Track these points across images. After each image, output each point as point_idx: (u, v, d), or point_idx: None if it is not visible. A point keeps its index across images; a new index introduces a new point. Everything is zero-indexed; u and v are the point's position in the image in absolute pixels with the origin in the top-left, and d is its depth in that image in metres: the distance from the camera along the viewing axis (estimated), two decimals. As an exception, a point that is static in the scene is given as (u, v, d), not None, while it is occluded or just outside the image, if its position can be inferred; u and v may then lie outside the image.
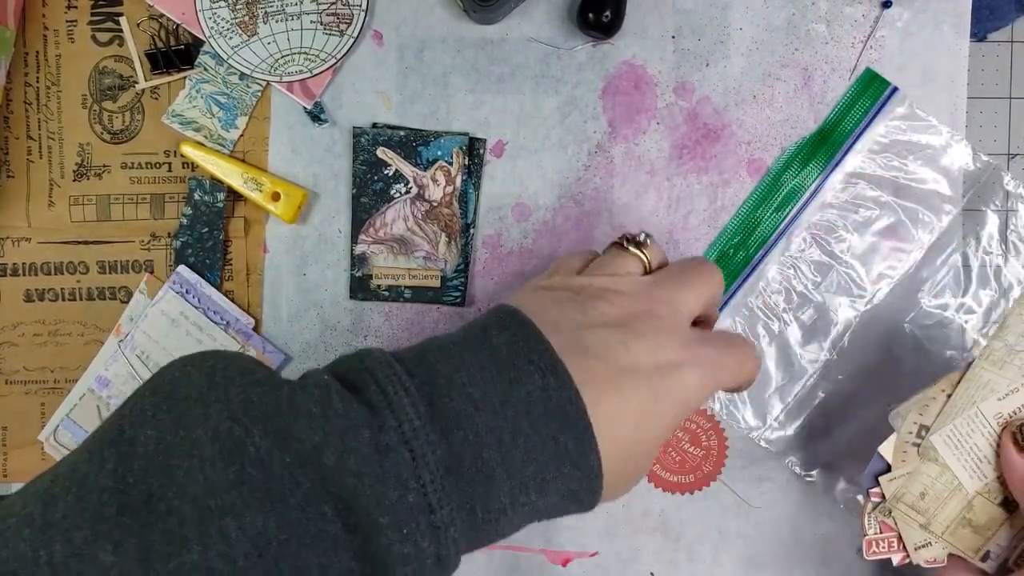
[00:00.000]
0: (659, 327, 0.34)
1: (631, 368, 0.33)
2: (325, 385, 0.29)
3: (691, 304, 0.37)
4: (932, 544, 0.42)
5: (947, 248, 0.51)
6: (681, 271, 0.39)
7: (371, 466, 0.27)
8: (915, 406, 0.42)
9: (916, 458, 0.42)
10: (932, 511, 0.42)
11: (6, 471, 0.52)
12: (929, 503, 0.42)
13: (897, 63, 0.51)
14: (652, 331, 0.34)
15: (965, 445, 0.41)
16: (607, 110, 0.51)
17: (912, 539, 0.42)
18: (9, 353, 0.52)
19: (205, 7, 0.50)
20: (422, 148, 0.51)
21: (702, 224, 0.52)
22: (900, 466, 0.42)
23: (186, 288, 0.51)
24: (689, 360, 0.34)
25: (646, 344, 0.34)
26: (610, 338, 0.33)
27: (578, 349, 0.32)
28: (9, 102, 0.51)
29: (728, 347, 0.37)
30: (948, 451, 0.42)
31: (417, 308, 0.52)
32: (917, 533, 0.42)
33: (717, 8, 0.51)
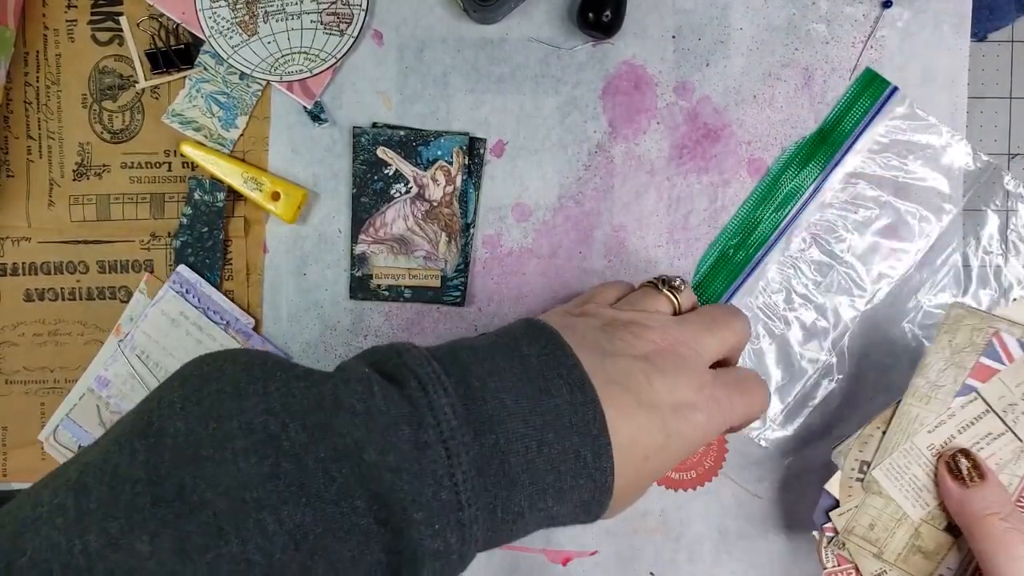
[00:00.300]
0: (679, 366, 0.36)
1: (649, 403, 0.35)
2: (367, 380, 0.30)
3: (713, 349, 0.39)
4: (887, 572, 0.44)
5: (947, 248, 0.51)
6: (710, 315, 0.41)
7: (409, 462, 0.28)
8: (855, 443, 0.45)
9: (861, 492, 0.44)
10: (883, 541, 0.44)
11: (6, 471, 0.52)
12: (879, 533, 0.44)
13: (897, 63, 0.51)
14: (672, 369, 0.36)
15: (904, 477, 0.44)
16: (607, 110, 0.51)
17: (868, 569, 0.45)
18: (9, 353, 0.52)
19: (205, 6, 0.50)
20: (422, 148, 0.51)
21: (702, 224, 0.52)
22: (847, 500, 0.45)
23: (186, 288, 0.51)
24: (703, 404, 0.36)
25: (666, 382, 0.35)
26: (633, 369, 0.35)
27: (602, 374, 0.34)
28: (9, 102, 0.51)
29: (740, 389, 0.39)
30: (890, 483, 0.44)
31: (417, 308, 0.52)
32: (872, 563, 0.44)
33: (717, 8, 0.51)
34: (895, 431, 0.44)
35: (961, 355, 0.43)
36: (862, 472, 0.45)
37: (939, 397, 0.44)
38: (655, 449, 0.34)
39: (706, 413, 0.36)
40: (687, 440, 0.36)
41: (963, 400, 0.43)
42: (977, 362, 0.43)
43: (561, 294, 0.52)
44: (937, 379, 0.44)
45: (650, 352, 0.36)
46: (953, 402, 0.43)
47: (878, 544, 0.44)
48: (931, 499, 0.43)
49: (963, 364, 0.43)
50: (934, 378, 0.44)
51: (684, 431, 0.35)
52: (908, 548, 0.44)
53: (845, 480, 0.45)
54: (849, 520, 0.45)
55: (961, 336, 0.44)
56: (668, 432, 0.35)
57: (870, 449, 0.45)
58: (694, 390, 0.36)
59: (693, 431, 0.36)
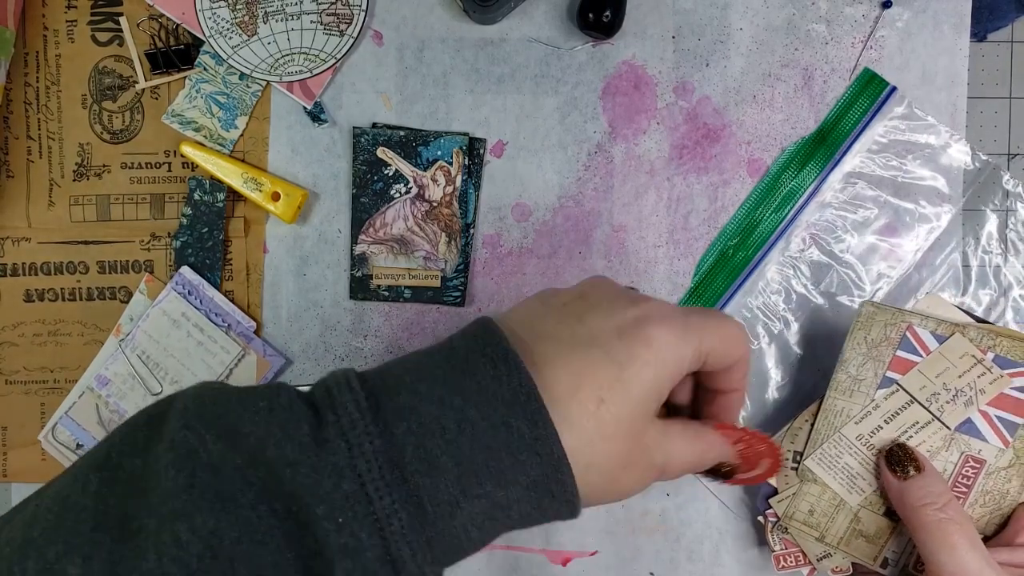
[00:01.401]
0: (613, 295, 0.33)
1: (585, 339, 0.31)
2: (276, 386, 0.30)
3: None
4: (831, 555, 0.46)
5: (946, 247, 0.51)
6: None
7: (307, 455, 0.27)
8: (786, 436, 0.47)
9: (796, 480, 0.47)
10: (824, 525, 0.46)
11: (6, 471, 0.52)
12: (819, 518, 0.46)
13: (897, 63, 0.51)
14: (609, 297, 0.33)
15: (837, 465, 0.46)
16: (607, 110, 0.51)
17: (812, 551, 0.47)
18: (9, 353, 0.52)
19: (205, 7, 0.50)
20: (422, 148, 0.51)
21: (702, 224, 0.52)
22: (784, 488, 0.47)
23: (188, 289, 0.51)
24: (651, 313, 0.32)
25: (602, 310, 0.32)
26: (563, 314, 0.32)
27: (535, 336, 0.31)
28: (9, 102, 0.51)
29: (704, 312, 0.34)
30: (823, 472, 0.46)
31: (417, 308, 0.52)
32: (815, 545, 0.47)
33: (717, 8, 0.51)
34: (822, 423, 0.46)
35: (878, 349, 0.45)
36: (795, 462, 0.47)
37: (861, 390, 0.45)
38: (608, 386, 0.30)
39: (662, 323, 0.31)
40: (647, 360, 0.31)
41: (885, 392, 0.45)
42: (894, 355, 0.45)
43: (561, 294, 0.52)
44: (857, 373, 0.46)
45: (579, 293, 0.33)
46: (876, 394, 0.45)
47: (819, 528, 0.46)
48: (866, 486, 0.45)
49: (880, 358, 0.45)
50: (854, 372, 0.46)
51: (637, 350, 0.31)
52: (850, 532, 0.46)
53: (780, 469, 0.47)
54: (788, 506, 0.47)
55: (875, 332, 0.45)
56: (618, 360, 0.30)
57: (800, 440, 0.47)
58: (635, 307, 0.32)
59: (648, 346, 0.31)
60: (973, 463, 0.44)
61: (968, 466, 0.44)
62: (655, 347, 0.31)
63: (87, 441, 0.51)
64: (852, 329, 0.46)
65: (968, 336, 0.44)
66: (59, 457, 0.51)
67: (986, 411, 0.44)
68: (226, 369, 0.51)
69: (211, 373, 0.51)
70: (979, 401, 0.44)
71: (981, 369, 0.44)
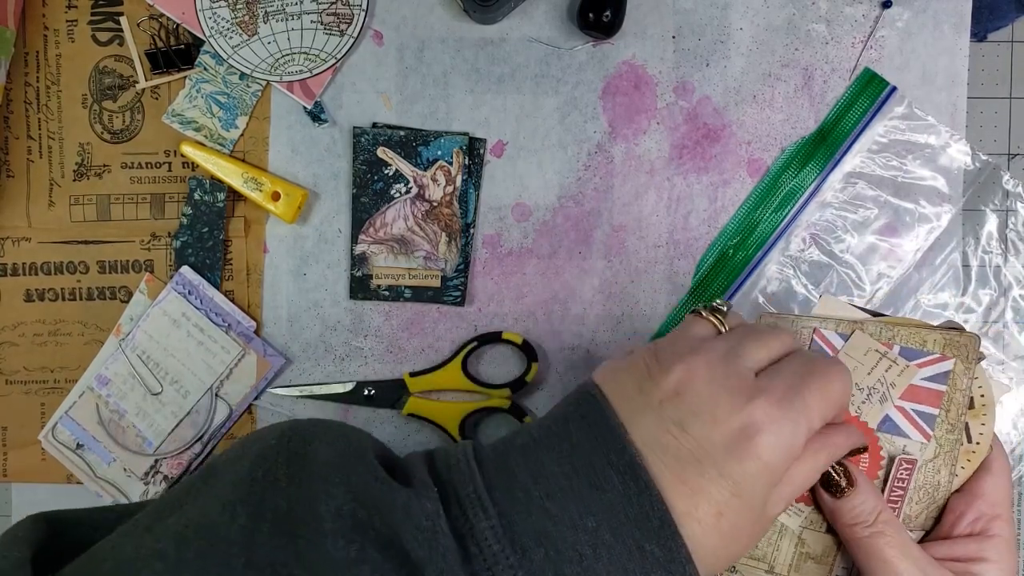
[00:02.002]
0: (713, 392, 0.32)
1: (695, 454, 0.31)
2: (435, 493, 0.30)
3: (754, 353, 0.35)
4: None
5: (946, 247, 0.51)
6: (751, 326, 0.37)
7: None
8: None
9: None
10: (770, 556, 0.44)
11: (6, 471, 0.52)
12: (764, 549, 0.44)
13: (897, 63, 0.51)
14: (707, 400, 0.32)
15: None
16: (607, 110, 0.51)
17: None
18: (9, 353, 0.52)
19: (205, 7, 0.50)
20: (422, 148, 0.51)
21: (702, 224, 0.52)
22: None
23: (188, 289, 0.51)
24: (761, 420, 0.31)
25: (702, 420, 0.32)
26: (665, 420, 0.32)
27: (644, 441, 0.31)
28: (9, 102, 0.51)
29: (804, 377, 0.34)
30: None
31: (417, 308, 0.52)
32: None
33: (717, 8, 0.51)
34: None
35: None
36: None
37: None
38: (725, 502, 0.31)
39: (770, 429, 0.31)
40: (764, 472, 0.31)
41: None
42: None
43: (561, 294, 0.52)
44: None
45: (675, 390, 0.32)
46: None
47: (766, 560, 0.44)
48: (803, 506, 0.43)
49: None
50: None
51: (751, 466, 0.31)
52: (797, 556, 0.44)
53: None
54: None
55: None
56: (731, 477, 0.31)
57: None
58: (741, 409, 0.31)
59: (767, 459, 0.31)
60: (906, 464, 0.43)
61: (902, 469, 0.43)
62: (767, 458, 0.31)
63: (87, 441, 0.51)
64: None
65: (868, 331, 0.43)
66: (59, 457, 0.51)
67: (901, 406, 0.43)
68: (226, 369, 0.51)
69: (211, 373, 0.51)
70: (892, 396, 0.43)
71: (887, 363, 0.43)
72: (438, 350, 0.52)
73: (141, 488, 0.51)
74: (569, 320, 0.52)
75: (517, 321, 0.52)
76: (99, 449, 0.51)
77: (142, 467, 0.51)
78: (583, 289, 0.52)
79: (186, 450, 0.51)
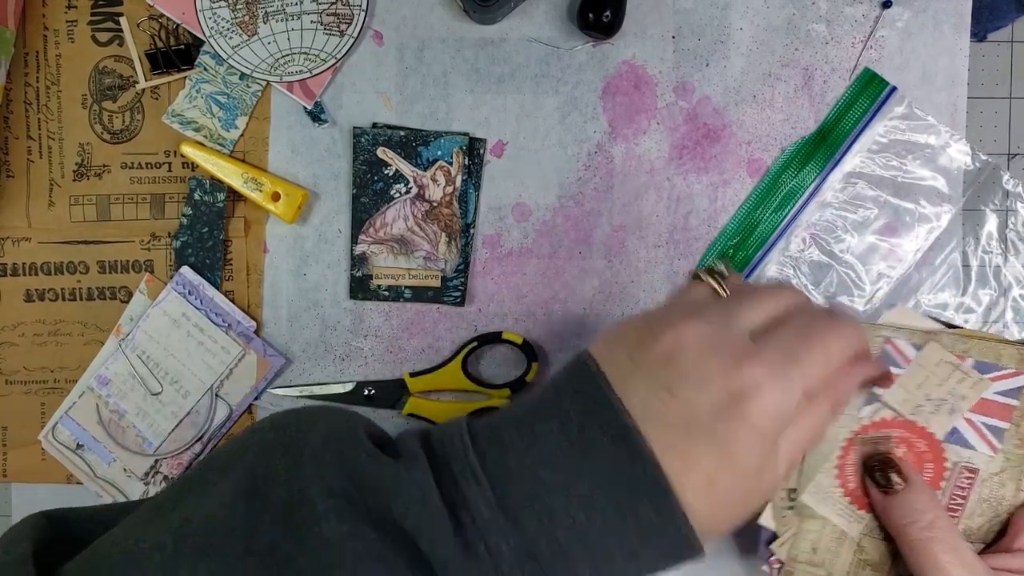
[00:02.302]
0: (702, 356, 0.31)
1: (685, 419, 0.30)
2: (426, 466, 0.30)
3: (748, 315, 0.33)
4: None
5: (946, 247, 0.51)
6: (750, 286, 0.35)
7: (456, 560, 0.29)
8: None
9: (795, 519, 0.44)
10: (829, 562, 0.44)
11: (6, 471, 0.52)
12: (823, 555, 0.44)
13: (897, 63, 0.51)
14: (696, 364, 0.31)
15: (832, 496, 0.43)
16: (607, 110, 0.51)
17: None
18: (9, 353, 0.52)
19: (205, 7, 0.50)
20: (422, 148, 0.51)
21: (702, 224, 0.52)
22: (783, 530, 0.44)
23: (188, 289, 0.51)
24: (747, 383, 0.30)
25: (691, 384, 0.30)
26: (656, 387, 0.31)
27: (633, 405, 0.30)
28: (9, 102, 0.51)
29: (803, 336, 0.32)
30: (820, 505, 0.44)
31: (417, 308, 0.52)
32: None
33: (717, 8, 0.51)
34: (811, 454, 0.43)
35: None
36: (792, 500, 0.44)
37: (847, 412, 0.43)
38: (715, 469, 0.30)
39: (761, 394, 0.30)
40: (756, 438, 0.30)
41: (870, 410, 0.43)
42: None
43: (561, 294, 0.52)
44: None
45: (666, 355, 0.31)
46: (861, 413, 0.43)
47: (825, 566, 0.44)
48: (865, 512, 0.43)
49: None
50: None
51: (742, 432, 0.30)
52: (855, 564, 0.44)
53: (777, 511, 0.44)
54: (791, 548, 0.44)
55: None
56: (722, 443, 0.30)
57: (793, 477, 0.44)
58: (731, 374, 0.30)
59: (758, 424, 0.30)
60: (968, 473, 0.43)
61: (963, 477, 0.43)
62: (757, 423, 0.30)
63: (87, 441, 0.51)
64: None
65: (942, 343, 0.43)
66: (59, 457, 0.51)
67: (971, 418, 0.43)
68: (226, 369, 0.51)
69: (211, 373, 0.51)
70: (962, 408, 0.43)
71: (960, 375, 0.43)
72: (438, 350, 0.52)
73: (141, 488, 0.51)
74: (569, 320, 0.52)
75: (517, 321, 0.52)
76: (99, 449, 0.51)
77: (142, 467, 0.51)
78: (583, 289, 0.52)
79: (186, 450, 0.51)
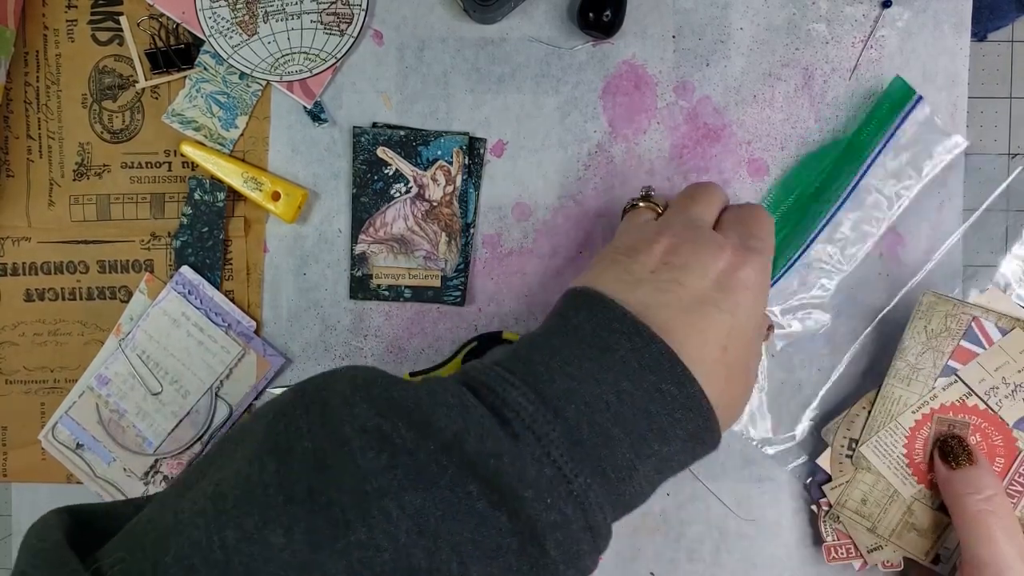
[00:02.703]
0: (693, 250, 0.37)
1: (695, 301, 0.35)
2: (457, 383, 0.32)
3: (704, 215, 0.41)
4: (882, 547, 0.46)
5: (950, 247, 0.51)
6: (681, 195, 0.43)
7: (507, 448, 0.30)
8: (843, 422, 0.48)
9: (851, 468, 0.47)
10: (876, 516, 0.46)
11: (6, 471, 0.52)
12: (871, 508, 0.46)
13: (897, 63, 0.51)
14: (690, 257, 0.37)
15: (892, 454, 0.46)
16: (607, 110, 0.51)
17: (863, 542, 0.47)
18: (9, 353, 0.52)
19: (205, 6, 0.50)
20: (422, 148, 0.51)
21: (702, 224, 0.52)
22: (838, 475, 0.47)
23: (188, 289, 0.51)
24: (734, 260, 0.37)
25: (694, 272, 0.36)
26: (661, 284, 0.36)
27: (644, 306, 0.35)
28: (9, 102, 0.51)
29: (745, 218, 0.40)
30: (878, 461, 0.46)
31: (417, 308, 0.52)
32: (866, 536, 0.46)
33: (717, 8, 0.51)
34: (879, 411, 0.46)
35: (938, 339, 0.46)
36: (851, 449, 0.47)
37: (920, 379, 0.46)
38: (727, 333, 0.35)
39: (744, 264, 0.37)
40: (748, 299, 0.36)
41: (945, 381, 0.45)
42: (957, 345, 0.45)
43: (561, 294, 0.52)
44: (916, 362, 0.46)
45: (662, 259, 0.37)
46: (935, 383, 0.45)
47: (871, 519, 0.46)
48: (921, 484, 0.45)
49: (941, 348, 0.45)
50: (913, 361, 0.46)
51: (739, 295, 0.36)
52: (902, 524, 0.46)
53: (835, 456, 0.47)
54: (841, 494, 0.47)
55: (936, 322, 0.46)
56: (727, 310, 0.35)
57: (856, 428, 0.47)
58: (719, 256, 0.37)
59: (746, 288, 0.36)
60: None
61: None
62: (752, 286, 0.37)
63: (87, 441, 0.51)
64: (912, 318, 0.46)
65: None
66: (59, 457, 0.51)
67: None
68: (226, 369, 0.51)
69: (211, 373, 0.51)
70: None
71: None
72: (438, 350, 0.52)
73: (141, 488, 0.51)
74: (569, 320, 0.52)
75: (517, 321, 0.52)
76: (99, 449, 0.51)
77: (142, 467, 0.51)
78: (583, 289, 0.52)
79: (186, 450, 0.51)
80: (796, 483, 0.51)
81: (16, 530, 0.52)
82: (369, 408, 0.30)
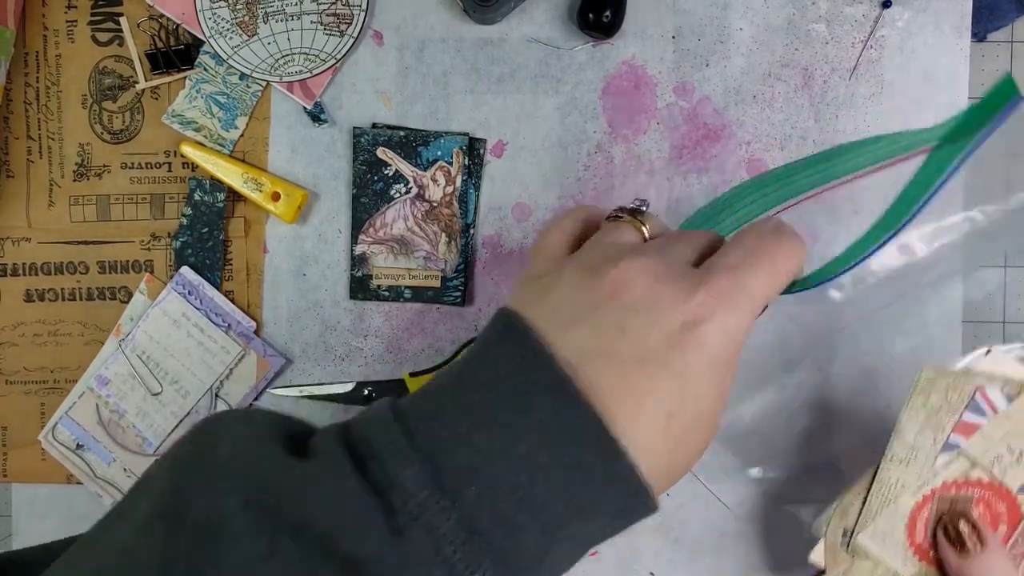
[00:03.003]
0: (652, 288, 0.30)
1: (637, 355, 0.29)
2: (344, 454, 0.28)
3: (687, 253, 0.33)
4: None
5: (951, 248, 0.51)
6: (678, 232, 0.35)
7: (389, 550, 0.26)
8: (836, 513, 0.44)
9: (848, 557, 0.44)
10: None
11: (6, 471, 0.52)
12: None
13: (897, 63, 0.51)
14: (645, 297, 0.30)
15: (891, 539, 0.43)
16: (607, 110, 0.51)
17: None
18: (9, 353, 0.52)
19: (205, 7, 0.50)
20: (422, 148, 0.51)
21: (702, 224, 0.52)
22: (833, 567, 0.44)
23: (188, 289, 0.51)
24: (703, 310, 0.29)
25: (642, 317, 0.29)
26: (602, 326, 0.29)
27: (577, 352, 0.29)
28: (9, 102, 0.51)
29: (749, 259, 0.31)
30: (877, 547, 0.43)
31: (417, 308, 0.52)
32: None
33: (717, 8, 0.51)
34: (876, 497, 0.43)
35: (938, 416, 0.43)
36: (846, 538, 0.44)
37: (919, 458, 0.43)
38: (672, 399, 0.28)
39: (711, 320, 0.29)
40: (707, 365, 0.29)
41: (946, 458, 0.43)
42: (960, 419, 0.43)
43: (561, 294, 0.52)
44: (915, 442, 0.43)
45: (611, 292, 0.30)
46: (936, 462, 0.43)
47: None
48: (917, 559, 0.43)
49: (940, 425, 0.43)
50: (911, 441, 0.43)
51: (694, 356, 0.29)
52: None
53: (829, 547, 0.44)
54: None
55: (935, 397, 0.43)
56: (677, 371, 0.29)
57: (851, 516, 0.44)
58: (682, 302, 0.29)
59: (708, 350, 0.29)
60: None
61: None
62: (712, 347, 0.29)
63: (87, 441, 0.51)
64: (910, 396, 0.43)
65: None
66: (59, 457, 0.51)
67: None
68: (226, 369, 0.51)
69: (211, 373, 0.51)
70: None
71: None
72: (438, 350, 0.52)
73: (141, 488, 0.51)
74: (569, 320, 0.52)
75: (517, 321, 0.52)
76: (99, 449, 0.51)
77: (142, 467, 0.51)
78: (583, 289, 0.51)
79: (186, 450, 0.51)
80: (796, 483, 0.51)
81: (16, 530, 0.52)
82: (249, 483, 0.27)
